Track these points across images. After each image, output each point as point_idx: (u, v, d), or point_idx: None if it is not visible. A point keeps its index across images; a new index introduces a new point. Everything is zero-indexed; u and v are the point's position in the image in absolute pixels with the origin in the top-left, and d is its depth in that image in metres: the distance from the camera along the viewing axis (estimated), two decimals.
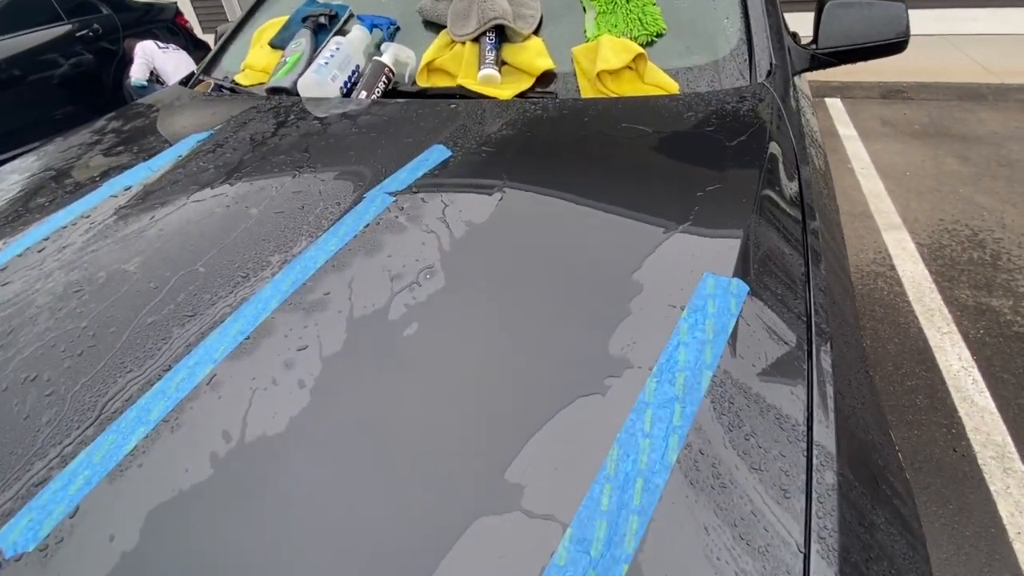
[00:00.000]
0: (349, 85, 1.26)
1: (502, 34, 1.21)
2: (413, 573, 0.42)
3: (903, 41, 1.24)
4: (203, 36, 5.40)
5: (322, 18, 1.37)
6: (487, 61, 1.16)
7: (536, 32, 1.22)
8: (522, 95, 1.15)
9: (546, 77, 1.18)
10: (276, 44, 1.41)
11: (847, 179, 3.11)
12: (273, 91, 1.31)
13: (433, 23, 1.32)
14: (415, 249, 0.73)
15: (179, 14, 4.73)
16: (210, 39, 4.67)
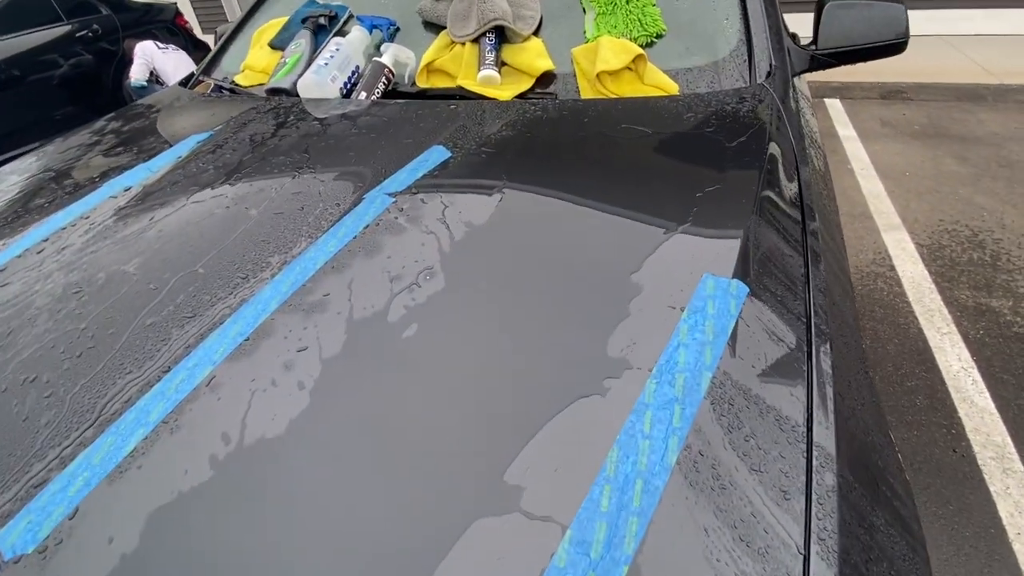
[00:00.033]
0: (349, 86, 1.26)
1: (502, 35, 1.21)
2: (412, 574, 0.42)
3: (903, 42, 1.24)
4: (203, 37, 5.40)
5: (322, 19, 1.37)
6: (487, 62, 1.16)
7: (536, 33, 1.22)
8: (522, 96, 1.15)
9: (546, 78, 1.18)
10: (276, 45, 1.41)
11: (847, 180, 3.11)
12: (273, 92, 1.31)
13: (433, 24, 1.32)
14: (415, 250, 0.73)
15: (179, 14, 4.74)
16: (210, 40, 4.66)
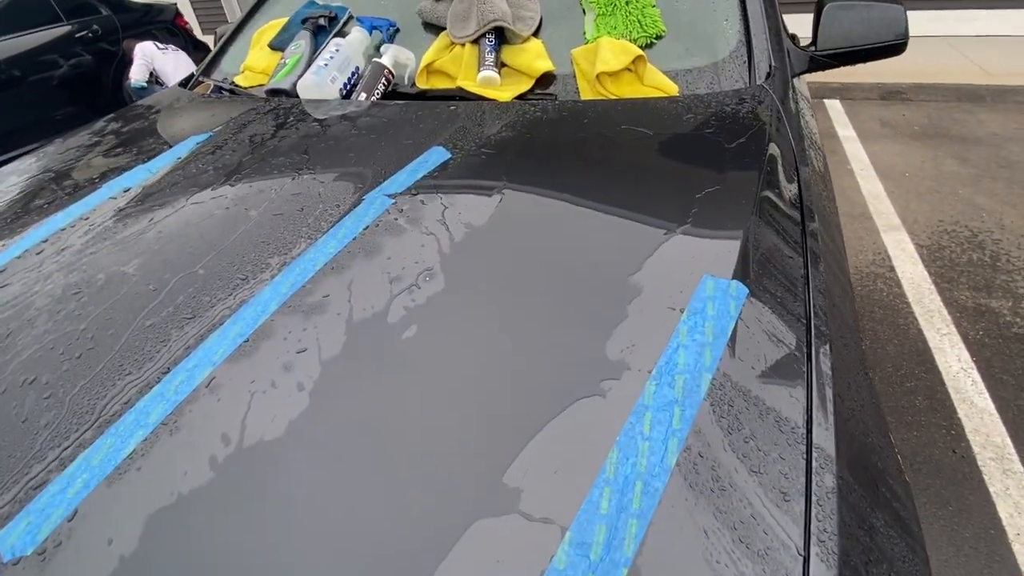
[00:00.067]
0: (348, 87, 1.26)
1: (501, 36, 1.21)
2: None
3: (902, 43, 1.24)
4: (203, 37, 5.41)
5: (322, 20, 1.37)
6: (486, 63, 1.16)
7: (535, 34, 1.22)
8: (521, 97, 1.15)
9: (545, 79, 1.18)
10: (276, 46, 1.41)
11: (846, 180, 3.11)
12: (272, 93, 1.31)
13: (433, 25, 1.32)
14: (414, 251, 0.73)
15: (179, 15, 4.74)
16: (210, 40, 4.67)
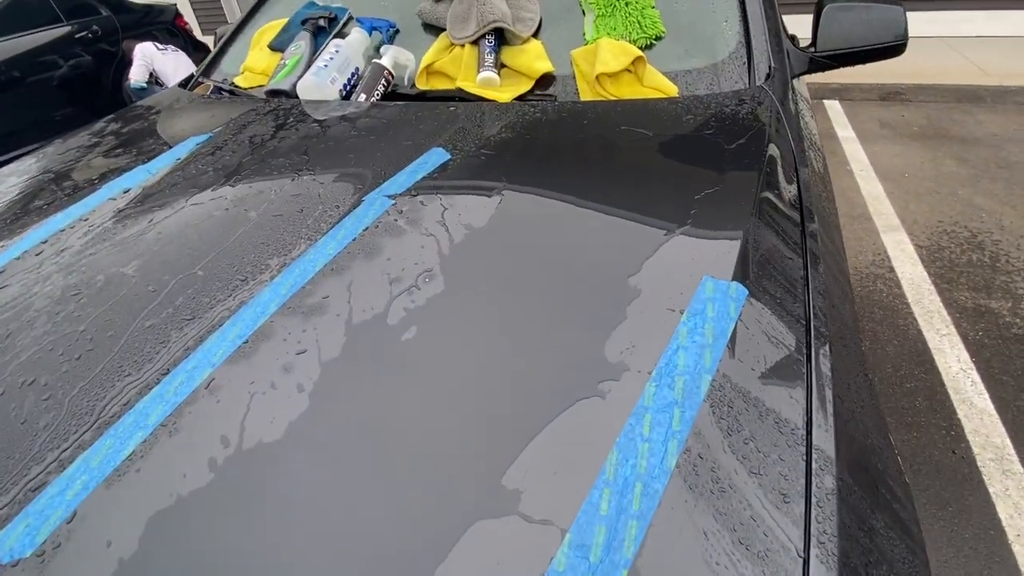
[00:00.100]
0: (348, 88, 1.26)
1: (501, 37, 1.21)
2: None
3: (901, 44, 1.25)
4: (202, 38, 5.41)
5: (321, 20, 1.37)
6: (486, 64, 1.16)
7: (535, 35, 1.23)
8: (521, 98, 1.15)
9: (545, 80, 1.18)
10: (275, 46, 1.41)
11: (846, 181, 3.11)
12: (272, 93, 1.31)
13: (432, 26, 1.32)
14: (414, 253, 0.73)
15: (178, 16, 4.74)
16: (209, 41, 4.67)
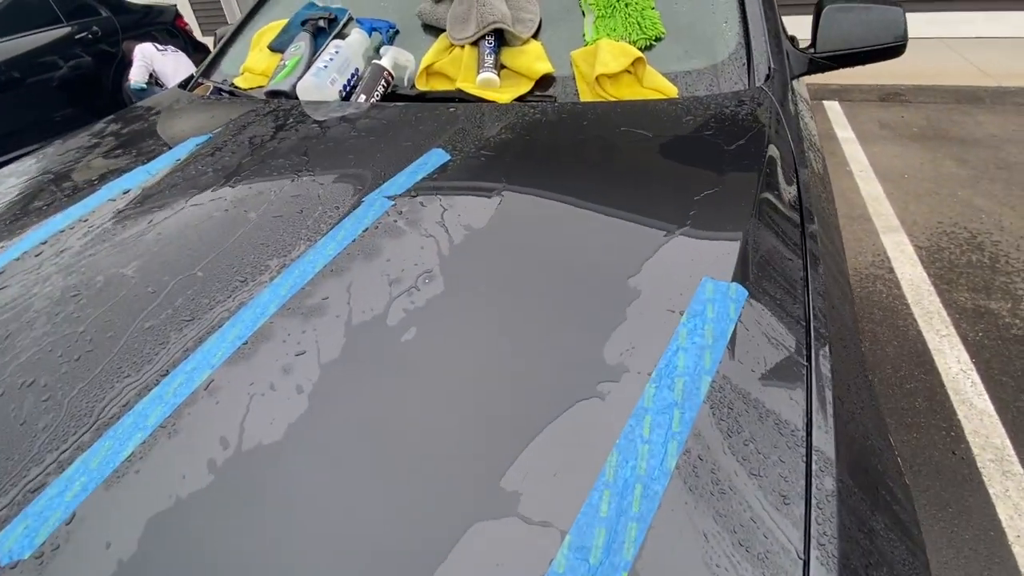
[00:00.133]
0: (348, 88, 1.26)
1: (501, 38, 1.21)
2: None
3: (901, 45, 1.25)
4: (202, 39, 5.41)
5: (321, 21, 1.37)
6: (486, 65, 1.16)
7: (535, 36, 1.23)
8: (521, 99, 1.15)
9: (545, 81, 1.18)
10: (275, 47, 1.41)
11: (845, 182, 3.11)
12: (272, 94, 1.31)
13: (432, 26, 1.32)
14: (414, 253, 0.73)
15: (178, 16, 4.74)
16: (209, 42, 4.67)
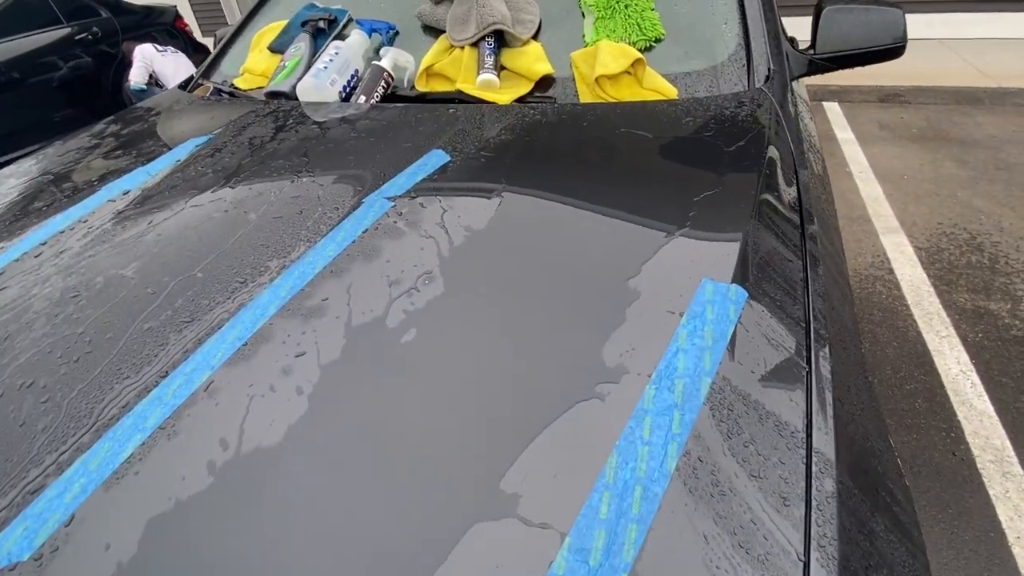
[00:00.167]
0: (348, 89, 1.26)
1: (501, 39, 1.21)
2: None
3: (901, 46, 1.25)
4: (202, 39, 5.41)
5: (321, 22, 1.37)
6: (486, 66, 1.16)
7: (535, 37, 1.23)
8: (521, 100, 1.15)
9: (545, 82, 1.18)
10: (275, 48, 1.41)
11: (845, 183, 3.12)
12: (272, 95, 1.31)
13: (432, 27, 1.32)
14: (414, 254, 0.73)
15: (178, 17, 4.75)
16: (209, 42, 4.67)
